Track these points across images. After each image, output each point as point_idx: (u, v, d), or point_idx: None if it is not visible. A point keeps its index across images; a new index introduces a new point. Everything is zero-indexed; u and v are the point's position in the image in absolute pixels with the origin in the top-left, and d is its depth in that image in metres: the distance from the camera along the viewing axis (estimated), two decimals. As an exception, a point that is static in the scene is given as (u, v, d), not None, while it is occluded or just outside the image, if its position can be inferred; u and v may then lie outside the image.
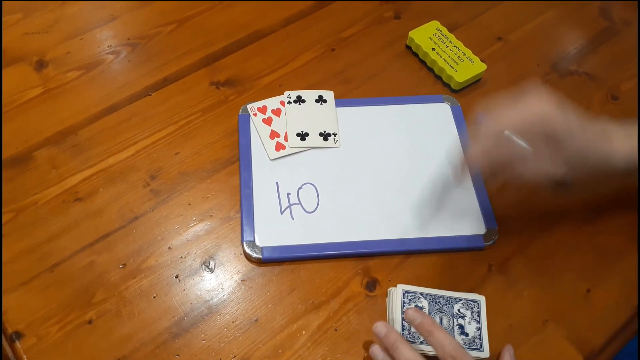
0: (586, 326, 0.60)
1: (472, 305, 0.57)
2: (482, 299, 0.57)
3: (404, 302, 0.56)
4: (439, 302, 0.57)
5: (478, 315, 0.56)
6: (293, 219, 0.64)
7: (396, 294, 0.57)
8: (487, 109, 0.56)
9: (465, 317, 0.56)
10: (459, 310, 0.56)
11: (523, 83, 0.78)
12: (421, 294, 0.57)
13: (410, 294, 0.57)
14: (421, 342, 0.54)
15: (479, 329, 0.56)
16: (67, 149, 0.69)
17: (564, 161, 0.54)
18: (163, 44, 0.80)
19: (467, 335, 0.55)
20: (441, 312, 0.56)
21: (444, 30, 0.80)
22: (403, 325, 0.55)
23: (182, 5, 0.84)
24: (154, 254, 0.62)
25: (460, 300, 0.57)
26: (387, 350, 0.53)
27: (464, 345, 0.54)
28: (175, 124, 0.72)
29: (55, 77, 0.76)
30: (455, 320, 0.56)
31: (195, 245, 0.63)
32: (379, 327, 0.54)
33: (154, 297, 0.60)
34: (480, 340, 0.55)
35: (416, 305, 0.56)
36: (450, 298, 0.57)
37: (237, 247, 0.63)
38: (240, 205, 0.65)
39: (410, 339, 0.54)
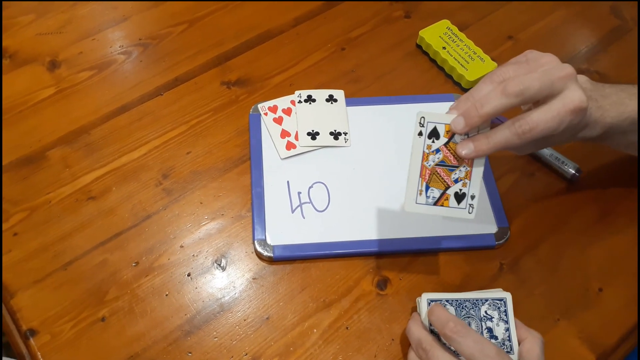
0: (598, 325, 0.59)
1: (498, 304, 0.55)
2: (508, 296, 0.55)
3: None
4: (466, 306, 0.55)
5: (505, 315, 0.54)
6: (304, 217, 0.64)
7: (422, 303, 0.55)
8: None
9: (493, 319, 0.54)
10: (486, 312, 0.55)
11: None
12: (447, 301, 0.55)
13: (435, 302, 0.55)
14: None
15: (507, 329, 0.54)
16: (80, 148, 0.70)
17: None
18: (174, 44, 0.80)
19: (496, 338, 0.53)
20: (469, 317, 0.54)
21: (455, 29, 0.80)
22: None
23: (193, 5, 0.85)
24: (166, 252, 0.63)
25: (486, 301, 0.55)
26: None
27: None
28: (186, 124, 0.72)
29: (68, 77, 0.76)
30: (483, 323, 0.54)
31: (207, 244, 0.63)
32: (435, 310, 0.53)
33: (166, 295, 0.60)
34: (510, 342, 0.53)
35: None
36: (477, 300, 0.55)
37: (249, 245, 0.63)
38: (252, 204, 0.65)
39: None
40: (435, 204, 0.53)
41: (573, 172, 0.68)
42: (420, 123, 0.52)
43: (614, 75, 0.79)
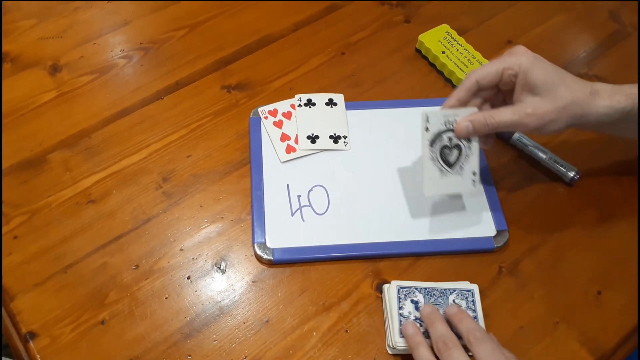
0: (597, 328, 0.59)
1: (466, 294, 0.57)
2: (475, 288, 0.58)
3: (399, 298, 0.57)
4: (434, 294, 0.57)
5: (473, 304, 0.57)
6: (304, 220, 0.64)
7: (391, 290, 0.58)
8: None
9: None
10: (453, 300, 0.57)
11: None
12: (415, 288, 0.58)
13: (405, 289, 0.58)
14: None
15: (475, 317, 0.56)
16: (80, 151, 0.70)
17: (548, 112, 0.58)
18: (175, 48, 0.81)
19: None
20: (437, 305, 0.57)
21: (454, 33, 0.81)
22: (400, 321, 0.56)
23: (194, 10, 0.85)
24: (166, 256, 0.63)
25: (454, 290, 0.58)
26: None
27: None
28: (187, 127, 0.73)
29: (69, 81, 0.77)
30: None
31: (207, 247, 0.63)
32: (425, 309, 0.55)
33: (166, 298, 0.60)
34: None
35: (411, 300, 0.57)
36: (445, 290, 0.58)
37: (248, 248, 0.63)
38: (252, 207, 0.65)
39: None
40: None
41: (572, 175, 0.68)
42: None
43: (613, 79, 0.79)
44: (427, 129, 0.60)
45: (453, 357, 0.50)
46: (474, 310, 0.57)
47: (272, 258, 0.62)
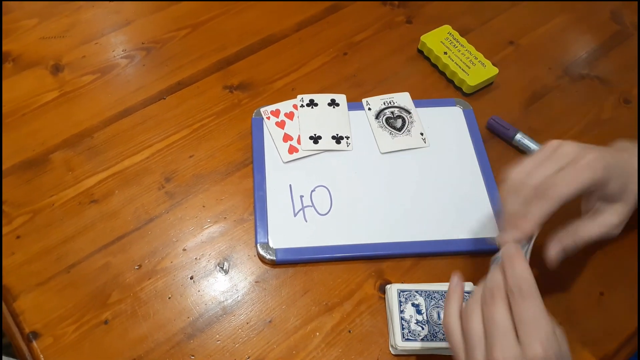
0: (600, 329, 0.60)
1: (466, 297, 0.56)
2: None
3: (400, 302, 0.57)
4: (434, 297, 0.57)
5: None
6: (306, 221, 0.64)
7: (392, 293, 0.58)
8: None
9: None
10: None
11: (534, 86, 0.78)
12: (416, 291, 0.58)
13: (406, 293, 0.58)
14: (441, 339, 0.54)
15: None
16: (82, 151, 0.70)
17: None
18: (177, 48, 0.81)
19: None
20: (437, 307, 0.57)
21: (456, 34, 0.81)
22: (402, 325, 0.56)
23: (196, 10, 0.85)
24: (169, 256, 0.63)
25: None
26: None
27: None
28: (189, 127, 0.73)
29: (71, 81, 0.77)
30: None
31: (210, 247, 0.63)
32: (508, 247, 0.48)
33: (169, 297, 0.60)
34: None
35: (412, 303, 0.57)
36: (445, 292, 0.57)
37: (251, 248, 0.63)
38: (254, 207, 0.65)
39: (410, 337, 0.55)
40: None
41: (574, 176, 0.68)
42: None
43: (615, 80, 0.80)
44: (369, 108, 0.73)
45: (493, 316, 0.44)
46: None
47: (274, 258, 0.62)
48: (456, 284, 0.50)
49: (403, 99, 0.75)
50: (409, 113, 0.73)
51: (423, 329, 0.55)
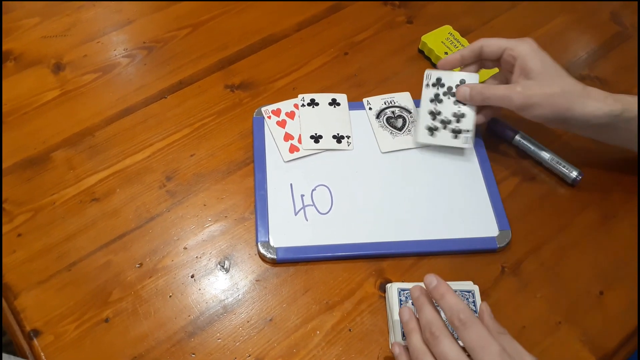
0: (600, 328, 0.60)
1: (466, 295, 0.57)
2: (476, 288, 0.58)
3: (400, 300, 0.57)
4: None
5: (474, 305, 0.57)
6: (307, 220, 0.64)
7: (392, 292, 0.58)
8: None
9: None
10: None
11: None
12: None
13: (406, 291, 0.58)
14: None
15: None
16: (84, 150, 0.70)
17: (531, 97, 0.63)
18: (178, 47, 0.81)
19: None
20: (437, 306, 0.56)
21: (457, 34, 0.81)
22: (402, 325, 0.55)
23: (197, 9, 0.85)
24: (170, 254, 0.63)
25: (455, 292, 0.56)
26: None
27: None
28: (190, 126, 0.73)
29: (72, 80, 0.77)
30: None
31: (211, 246, 0.64)
32: (430, 277, 0.51)
33: (170, 296, 0.60)
34: None
35: (412, 302, 0.56)
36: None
37: (252, 247, 0.64)
38: (255, 206, 0.66)
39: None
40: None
41: (574, 176, 0.68)
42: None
43: (615, 81, 0.80)
44: (370, 108, 0.73)
45: (441, 349, 0.47)
46: (475, 312, 0.56)
47: (275, 257, 0.62)
48: (409, 318, 0.52)
49: (404, 98, 0.75)
50: (410, 113, 0.73)
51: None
